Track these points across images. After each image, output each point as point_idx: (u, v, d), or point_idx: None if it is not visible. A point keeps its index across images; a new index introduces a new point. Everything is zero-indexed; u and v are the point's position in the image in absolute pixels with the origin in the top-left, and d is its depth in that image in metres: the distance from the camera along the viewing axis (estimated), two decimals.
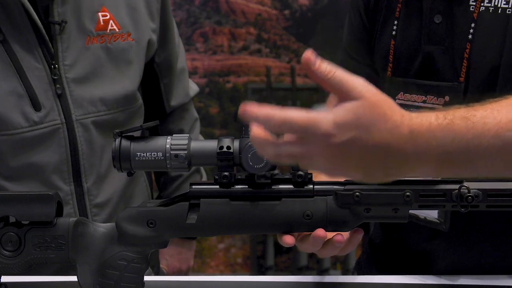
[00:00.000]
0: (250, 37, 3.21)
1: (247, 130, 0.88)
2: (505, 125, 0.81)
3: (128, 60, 1.40)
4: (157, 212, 0.93)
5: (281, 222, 0.91)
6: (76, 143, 1.34)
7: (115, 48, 1.38)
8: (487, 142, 0.80)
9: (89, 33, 1.35)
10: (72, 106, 1.33)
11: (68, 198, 1.35)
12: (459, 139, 0.80)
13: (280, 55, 3.22)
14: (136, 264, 0.94)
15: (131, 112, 1.43)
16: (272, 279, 1.20)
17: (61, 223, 0.96)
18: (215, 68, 3.21)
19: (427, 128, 0.80)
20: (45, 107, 1.31)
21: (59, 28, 1.30)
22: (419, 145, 0.80)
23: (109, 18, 1.37)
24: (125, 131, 0.92)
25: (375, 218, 0.91)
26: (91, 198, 1.37)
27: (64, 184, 1.35)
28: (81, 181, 1.36)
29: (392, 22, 1.26)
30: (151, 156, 0.90)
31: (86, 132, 1.35)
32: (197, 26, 3.20)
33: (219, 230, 0.94)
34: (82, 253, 0.95)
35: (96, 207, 1.38)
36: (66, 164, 1.34)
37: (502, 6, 1.13)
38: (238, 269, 3.33)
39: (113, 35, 1.37)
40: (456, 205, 0.87)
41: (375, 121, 0.78)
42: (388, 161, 0.80)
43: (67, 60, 1.32)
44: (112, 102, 1.38)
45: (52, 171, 1.33)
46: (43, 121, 1.31)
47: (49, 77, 1.31)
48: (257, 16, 3.20)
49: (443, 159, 0.81)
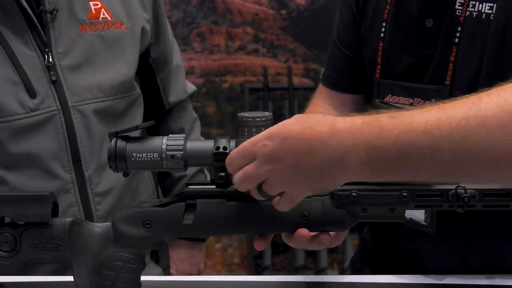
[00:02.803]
0: (247, 36, 3.21)
1: (243, 130, 0.88)
2: (434, 123, 0.79)
3: (122, 48, 1.41)
4: (153, 213, 0.93)
5: (277, 223, 0.91)
6: (74, 130, 1.35)
7: (109, 36, 1.40)
8: (416, 138, 0.79)
9: (81, 21, 1.37)
10: (68, 93, 1.34)
11: (69, 186, 1.35)
12: (387, 134, 0.80)
13: (277, 55, 3.22)
14: (132, 264, 0.93)
15: (130, 100, 1.44)
16: (269, 279, 1.20)
17: (57, 224, 0.96)
18: (212, 68, 3.21)
19: (350, 124, 0.81)
20: (40, 94, 1.32)
21: (51, 16, 1.32)
22: (343, 139, 0.80)
23: (101, 7, 1.39)
24: (120, 131, 0.91)
25: (372, 218, 0.91)
26: (93, 186, 1.37)
27: (65, 172, 1.35)
28: (81, 169, 1.36)
29: (380, 24, 1.26)
30: (147, 156, 0.90)
31: (84, 119, 1.36)
32: (193, 26, 3.19)
33: (216, 231, 0.94)
34: (78, 254, 0.95)
35: (98, 196, 1.38)
36: (65, 151, 1.34)
37: (486, 12, 1.13)
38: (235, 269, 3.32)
39: (105, 23, 1.39)
40: (453, 205, 0.87)
41: (301, 125, 0.82)
42: (316, 158, 0.81)
43: (60, 48, 1.34)
44: (109, 89, 1.39)
45: (51, 159, 1.34)
46: (38, 107, 1.32)
47: (43, 65, 1.33)
48: (254, 16, 3.20)
49: (374, 155, 0.80)
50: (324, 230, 0.92)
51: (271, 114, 0.90)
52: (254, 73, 3.21)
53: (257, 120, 0.88)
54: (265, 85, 3.19)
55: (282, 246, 3.25)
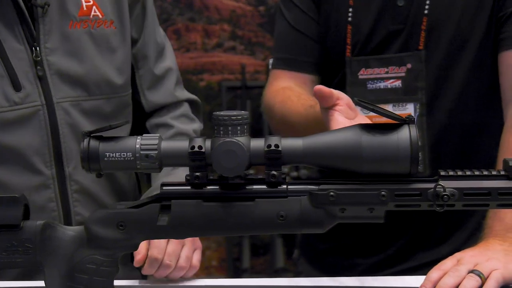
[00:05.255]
0: (224, 34, 3.19)
1: (219, 130, 0.86)
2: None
3: (111, 47, 1.41)
4: (127, 214, 0.91)
5: (254, 223, 0.90)
6: (57, 126, 1.35)
7: (99, 34, 1.39)
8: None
9: (72, 18, 1.37)
10: (53, 88, 1.34)
11: (49, 182, 1.35)
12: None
13: (255, 52, 3.21)
14: (105, 267, 0.92)
15: (119, 102, 1.43)
16: (248, 282, 1.19)
17: (28, 227, 0.94)
18: (188, 66, 3.19)
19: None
20: (25, 88, 1.32)
21: (42, 10, 1.32)
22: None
23: (92, 4, 1.39)
24: (94, 130, 0.90)
25: (351, 219, 0.89)
26: (72, 183, 1.37)
27: (46, 168, 1.35)
28: (62, 165, 1.36)
29: (346, 10, 1.42)
30: (120, 156, 0.88)
31: (68, 116, 1.36)
32: (169, 23, 3.17)
33: (192, 232, 0.93)
34: (50, 257, 0.93)
35: (77, 193, 1.38)
36: (47, 147, 1.34)
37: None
38: (213, 271, 3.31)
39: (96, 21, 1.39)
40: (432, 204, 0.86)
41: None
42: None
43: (48, 43, 1.34)
44: (94, 88, 1.39)
45: (33, 154, 1.33)
46: (23, 101, 1.32)
47: (31, 59, 1.33)
48: (231, 13, 3.18)
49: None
50: (302, 231, 0.90)
51: (248, 113, 0.89)
52: (232, 71, 3.20)
53: (233, 119, 0.86)
54: (243, 84, 3.18)
55: (261, 248, 3.25)
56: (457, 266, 1.12)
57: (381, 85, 1.42)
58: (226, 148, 0.86)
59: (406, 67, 1.38)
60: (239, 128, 0.86)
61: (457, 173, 0.87)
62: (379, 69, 1.39)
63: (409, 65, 1.38)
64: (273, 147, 0.87)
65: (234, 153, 0.86)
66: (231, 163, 0.86)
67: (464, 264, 1.12)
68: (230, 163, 0.86)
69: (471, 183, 0.86)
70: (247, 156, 0.86)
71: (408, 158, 0.85)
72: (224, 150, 0.86)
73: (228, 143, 0.86)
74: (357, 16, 1.42)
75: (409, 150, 0.84)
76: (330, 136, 0.87)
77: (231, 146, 0.86)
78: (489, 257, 1.14)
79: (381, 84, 1.42)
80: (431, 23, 1.39)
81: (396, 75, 1.39)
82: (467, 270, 1.11)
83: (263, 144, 0.87)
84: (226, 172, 0.86)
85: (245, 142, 0.86)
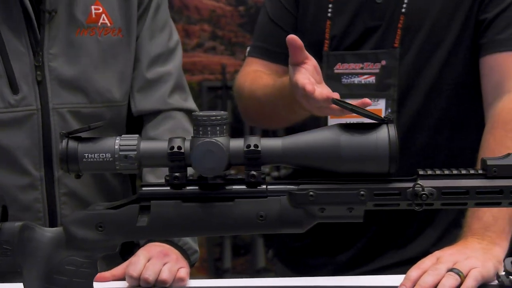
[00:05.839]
0: (204, 34, 3.19)
1: (198, 130, 0.86)
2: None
3: (116, 55, 1.40)
4: (106, 215, 0.90)
5: (234, 224, 0.89)
6: (50, 131, 1.35)
7: (105, 42, 1.39)
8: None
9: (79, 25, 1.36)
10: (51, 94, 1.35)
11: (37, 183, 1.36)
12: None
13: (235, 53, 3.21)
14: (85, 269, 0.91)
15: (117, 110, 1.43)
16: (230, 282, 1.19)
17: (6, 228, 0.93)
18: None
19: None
20: (22, 91, 1.33)
21: (49, 16, 1.32)
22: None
23: (102, 12, 1.39)
24: (72, 131, 0.89)
25: (330, 218, 0.90)
26: (61, 186, 1.37)
27: (34, 170, 1.35)
28: (52, 168, 1.36)
29: (327, 6, 1.46)
30: (99, 157, 0.88)
31: (62, 121, 1.36)
32: None
33: (172, 233, 0.93)
34: (28, 259, 0.92)
35: (65, 196, 1.38)
36: (38, 149, 1.35)
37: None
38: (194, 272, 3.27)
39: (104, 29, 1.39)
40: (411, 203, 0.87)
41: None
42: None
43: (52, 49, 1.34)
44: (95, 96, 1.38)
45: (23, 155, 1.34)
46: (19, 104, 1.33)
47: (32, 63, 1.33)
48: (211, 13, 3.18)
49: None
50: (281, 231, 0.90)
51: (227, 113, 0.89)
52: (212, 71, 3.20)
53: (212, 119, 0.86)
54: (224, 84, 3.17)
55: (242, 248, 3.24)
56: (436, 264, 1.13)
57: (355, 80, 1.44)
58: (205, 148, 0.85)
59: (381, 64, 1.41)
60: (218, 128, 0.86)
61: (435, 172, 0.88)
62: (354, 65, 1.42)
63: (384, 62, 1.41)
64: (252, 147, 0.87)
65: (213, 154, 0.86)
66: (211, 163, 0.86)
67: (443, 263, 1.13)
68: (209, 163, 0.86)
69: (450, 182, 0.87)
70: (227, 156, 0.86)
71: (387, 157, 0.85)
72: (203, 150, 0.85)
73: (207, 143, 0.86)
74: (336, 11, 1.45)
75: (388, 150, 0.85)
76: (309, 136, 0.88)
77: (210, 146, 0.86)
78: (468, 256, 1.14)
79: (356, 79, 1.44)
80: (407, 21, 1.42)
81: (371, 71, 1.42)
82: (446, 268, 1.12)
83: (242, 144, 0.87)
84: (206, 172, 0.86)
85: (224, 142, 0.86)
